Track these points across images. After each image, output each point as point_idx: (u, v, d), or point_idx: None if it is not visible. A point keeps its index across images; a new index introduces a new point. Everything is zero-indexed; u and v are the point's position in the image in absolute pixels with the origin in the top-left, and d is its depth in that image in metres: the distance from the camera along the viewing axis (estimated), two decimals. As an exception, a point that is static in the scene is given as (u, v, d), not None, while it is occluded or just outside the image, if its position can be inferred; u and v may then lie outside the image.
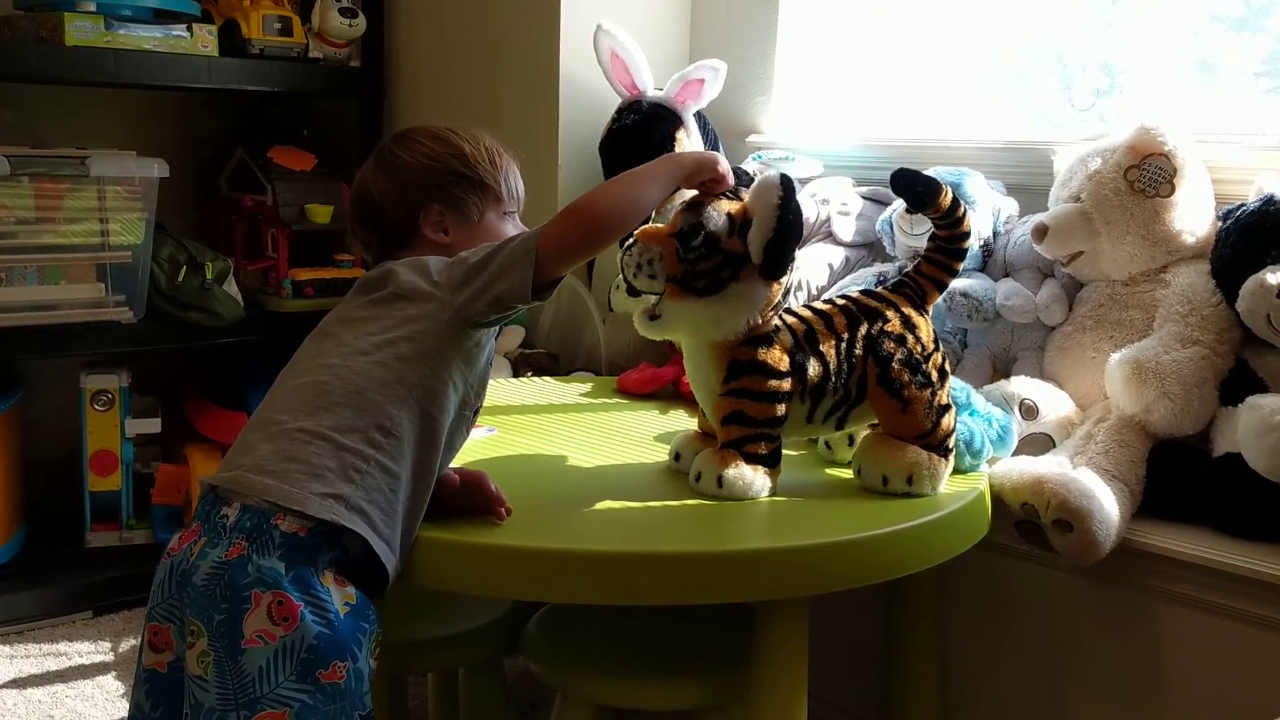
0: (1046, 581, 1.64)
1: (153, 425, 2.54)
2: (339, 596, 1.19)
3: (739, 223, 1.35)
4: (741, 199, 1.38)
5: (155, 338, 2.47)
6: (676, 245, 1.36)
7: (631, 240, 1.38)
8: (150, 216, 2.39)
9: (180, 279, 2.44)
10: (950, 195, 1.45)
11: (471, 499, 1.31)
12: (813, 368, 1.40)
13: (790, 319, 1.42)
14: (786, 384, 1.38)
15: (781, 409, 1.38)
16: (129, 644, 2.30)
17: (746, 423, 1.38)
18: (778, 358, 1.38)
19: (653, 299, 1.40)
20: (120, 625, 2.38)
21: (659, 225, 1.40)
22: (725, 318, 1.36)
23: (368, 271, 1.37)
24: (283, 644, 1.15)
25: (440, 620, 1.60)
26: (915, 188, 1.45)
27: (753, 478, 1.38)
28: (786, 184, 1.32)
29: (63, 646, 2.28)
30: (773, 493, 1.41)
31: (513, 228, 1.41)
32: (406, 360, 1.25)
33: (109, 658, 2.25)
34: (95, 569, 2.45)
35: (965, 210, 1.47)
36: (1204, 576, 1.49)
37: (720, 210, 1.36)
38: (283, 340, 2.79)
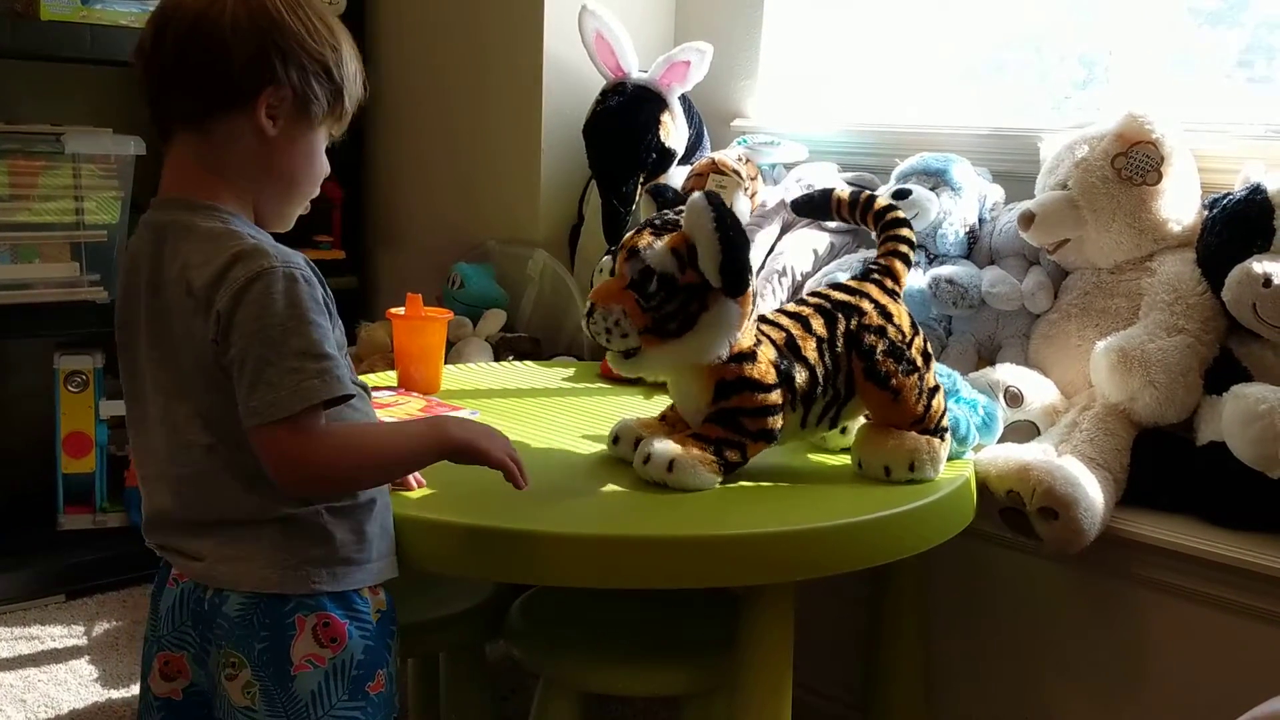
0: (1030, 569, 1.64)
1: (128, 407, 2.51)
2: (374, 604, 1.17)
3: (685, 254, 1.31)
4: (676, 227, 1.34)
5: (131, 318, 2.44)
6: (635, 297, 1.32)
7: (590, 306, 1.34)
8: (126, 195, 2.36)
9: (156, 259, 2.41)
10: (841, 191, 1.56)
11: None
12: (799, 375, 1.38)
13: (768, 329, 1.41)
14: (776, 395, 1.37)
15: (775, 421, 1.37)
16: (102, 628, 2.28)
17: (743, 434, 1.36)
18: (764, 371, 1.36)
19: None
20: (93, 609, 2.35)
21: (609, 282, 1.35)
22: (706, 348, 1.33)
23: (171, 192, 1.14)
24: (332, 665, 1.12)
25: (421, 604, 1.58)
26: (811, 204, 1.61)
27: (704, 471, 1.34)
28: (715, 201, 1.29)
29: (35, 630, 2.26)
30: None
31: (323, 152, 1.19)
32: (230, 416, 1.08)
33: (82, 641, 2.22)
34: (68, 552, 2.42)
35: (868, 193, 1.55)
36: (1187, 565, 1.50)
37: (659, 248, 1.31)
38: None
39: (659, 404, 1.80)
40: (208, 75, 1.10)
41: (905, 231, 1.51)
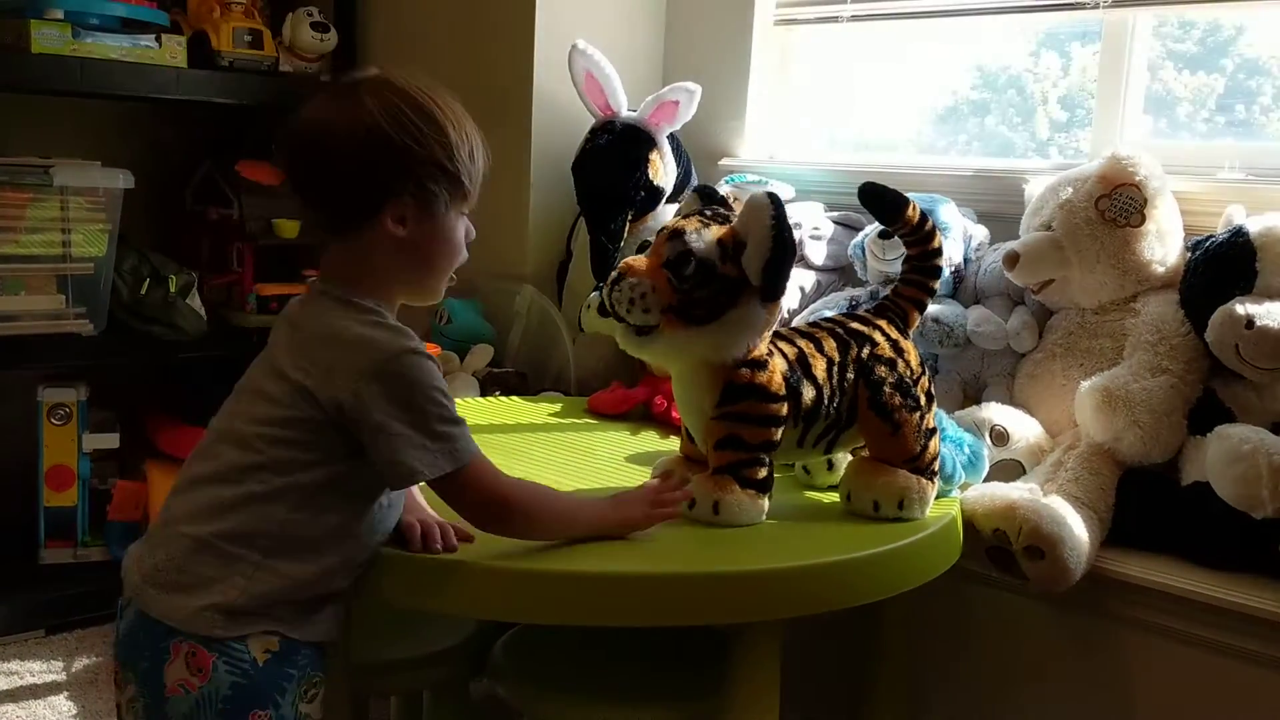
0: (1015, 607, 1.64)
1: (111, 440, 2.49)
2: (257, 645, 1.17)
3: (730, 247, 1.33)
4: (725, 221, 1.37)
5: (116, 351, 2.43)
6: (669, 276, 1.33)
7: (618, 274, 1.34)
8: (114, 228, 2.36)
9: (143, 292, 2.41)
10: (918, 209, 1.46)
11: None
12: (807, 392, 1.39)
13: (781, 344, 1.41)
14: (783, 408, 1.37)
15: (777, 433, 1.37)
16: (82, 663, 2.25)
17: (741, 447, 1.36)
18: (775, 382, 1.36)
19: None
20: (73, 644, 2.32)
21: (641, 257, 1.36)
22: (725, 344, 1.34)
23: (319, 281, 1.24)
24: (202, 693, 1.15)
25: (405, 641, 1.57)
26: (883, 200, 1.46)
27: (749, 504, 1.36)
28: (777, 203, 1.31)
29: (14, 665, 2.23)
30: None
31: (463, 229, 1.27)
32: (300, 463, 1.17)
33: (61, 677, 2.20)
34: (49, 586, 2.40)
35: (934, 225, 1.48)
36: (1171, 605, 1.50)
37: (706, 235, 1.34)
38: (246, 356, 2.76)
39: (647, 440, 1.80)
40: (330, 201, 1.22)
41: (934, 283, 1.51)
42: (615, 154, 2.12)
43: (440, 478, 1.18)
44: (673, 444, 1.74)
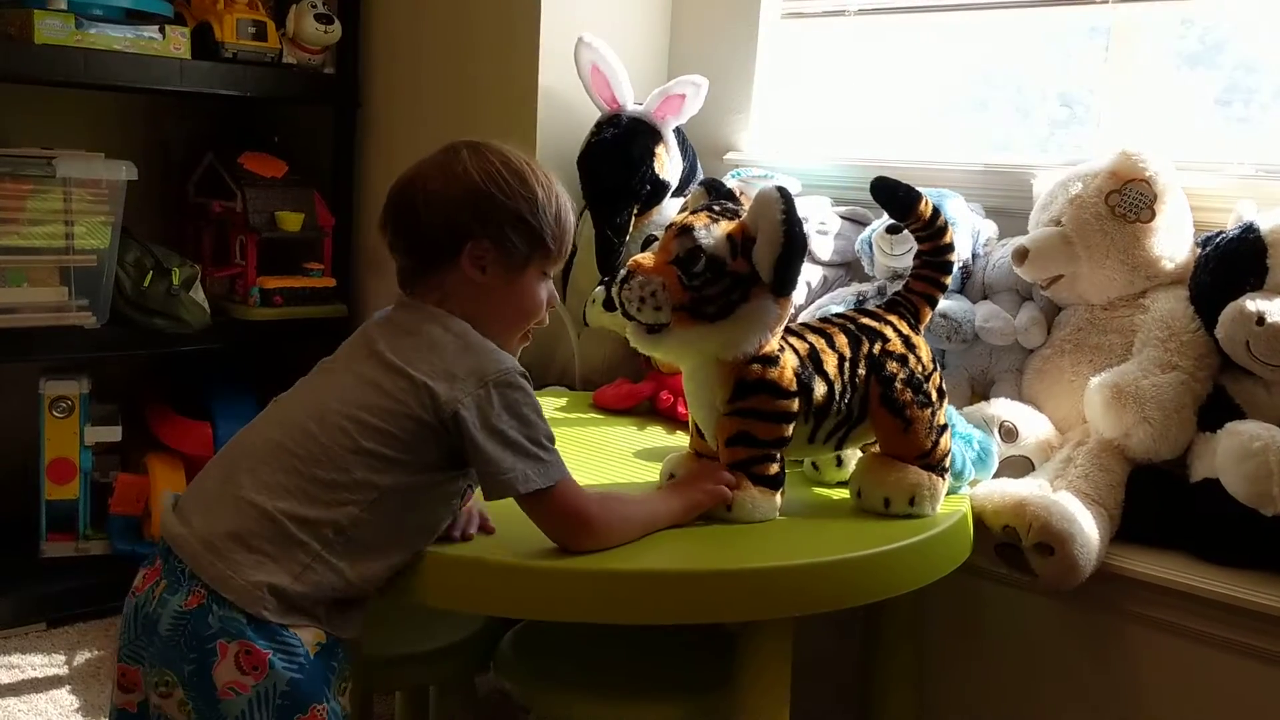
0: (1025, 604, 1.63)
1: (113, 433, 2.49)
2: (309, 637, 1.16)
3: (740, 242, 1.32)
4: (734, 216, 1.35)
5: (118, 344, 2.42)
6: (678, 273, 1.32)
7: (627, 273, 1.33)
8: (117, 220, 2.34)
9: (146, 284, 2.40)
10: (930, 204, 1.45)
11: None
12: (818, 388, 1.38)
13: (793, 340, 1.40)
14: (794, 404, 1.36)
15: (789, 429, 1.36)
16: (83, 657, 2.24)
17: (753, 443, 1.36)
18: (786, 377, 1.35)
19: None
20: (75, 638, 2.32)
21: (650, 254, 1.35)
22: (737, 340, 1.33)
23: (409, 298, 1.29)
24: (256, 693, 1.12)
25: (411, 636, 1.57)
26: (895, 195, 1.46)
27: (761, 501, 1.36)
28: (786, 196, 1.30)
29: (15, 659, 2.22)
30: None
31: (544, 291, 1.32)
32: (387, 461, 1.19)
33: (63, 671, 2.19)
34: (50, 580, 2.39)
35: (945, 221, 1.47)
36: (1181, 601, 1.49)
37: (715, 231, 1.32)
38: (249, 349, 2.76)
39: (653, 436, 1.79)
40: (416, 240, 1.28)
41: (945, 278, 1.50)
42: (621, 148, 2.11)
43: (532, 493, 1.19)
44: (679, 439, 1.74)
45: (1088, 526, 1.49)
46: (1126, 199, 1.70)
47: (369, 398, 1.19)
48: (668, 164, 2.15)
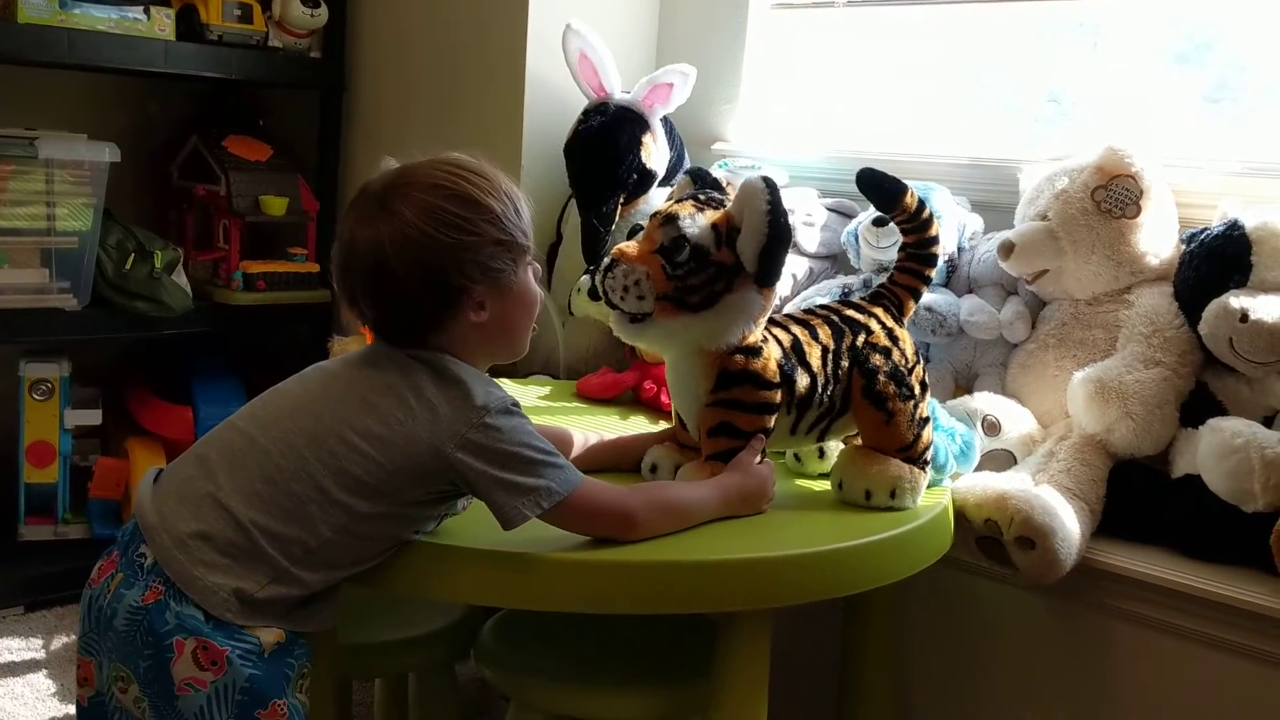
0: (1004, 598, 1.64)
1: (93, 417, 2.47)
2: (267, 636, 1.15)
3: (725, 232, 1.32)
4: (719, 206, 1.35)
5: (99, 326, 2.41)
6: (662, 263, 1.31)
7: (610, 261, 1.32)
8: (99, 202, 2.33)
9: (128, 267, 2.38)
10: (915, 196, 1.45)
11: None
12: (801, 379, 1.38)
13: (776, 331, 1.40)
14: (776, 395, 1.36)
15: (771, 420, 1.36)
16: (61, 641, 2.23)
17: (735, 434, 1.35)
18: (769, 369, 1.35)
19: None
20: (52, 621, 2.31)
21: (633, 243, 1.34)
22: (720, 331, 1.33)
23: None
24: (215, 689, 1.12)
25: (391, 623, 1.56)
26: (881, 187, 1.45)
27: None
28: (772, 187, 1.29)
29: (-8, 642, 2.21)
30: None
31: (533, 276, 1.29)
32: (368, 489, 1.17)
33: (40, 655, 2.18)
34: (28, 563, 2.38)
35: (931, 213, 1.47)
36: (1161, 597, 1.50)
37: (699, 220, 1.32)
38: (231, 333, 2.74)
39: (636, 425, 1.79)
40: (410, 316, 1.23)
41: (930, 271, 1.50)
42: (608, 136, 2.10)
43: (549, 511, 1.19)
44: (662, 429, 1.73)
45: (1069, 521, 1.50)
46: (1112, 195, 1.70)
47: (364, 422, 1.18)
48: (655, 153, 2.14)
